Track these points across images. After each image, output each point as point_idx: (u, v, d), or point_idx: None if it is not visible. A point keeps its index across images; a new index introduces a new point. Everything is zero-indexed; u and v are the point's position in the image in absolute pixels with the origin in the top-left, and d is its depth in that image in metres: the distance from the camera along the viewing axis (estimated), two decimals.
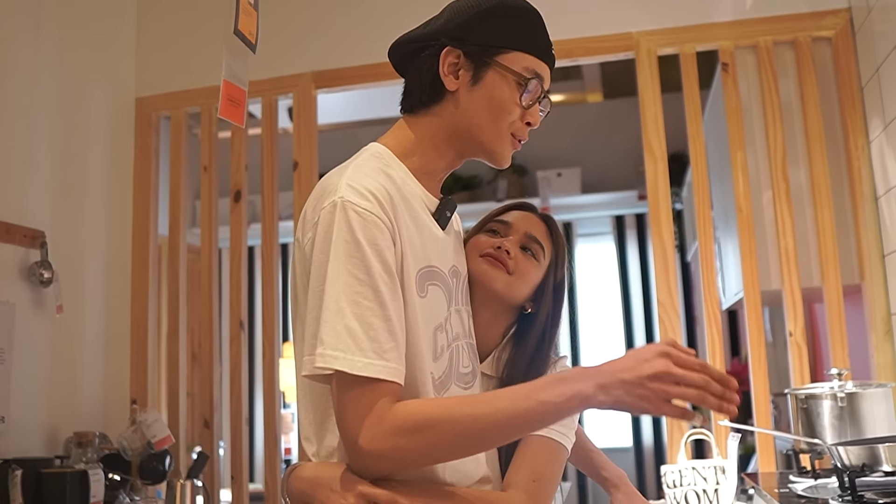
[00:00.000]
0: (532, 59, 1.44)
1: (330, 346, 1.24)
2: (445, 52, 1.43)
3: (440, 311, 1.42)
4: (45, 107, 2.89)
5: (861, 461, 1.83)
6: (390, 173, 1.40)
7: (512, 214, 1.64)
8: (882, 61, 2.53)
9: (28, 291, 2.72)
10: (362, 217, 1.28)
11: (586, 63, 3.17)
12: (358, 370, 1.23)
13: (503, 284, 1.54)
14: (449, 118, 1.45)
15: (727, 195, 2.99)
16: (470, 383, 1.48)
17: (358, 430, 1.24)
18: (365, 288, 1.27)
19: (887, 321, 2.62)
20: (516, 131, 1.47)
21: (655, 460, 5.02)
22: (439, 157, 1.48)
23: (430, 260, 1.40)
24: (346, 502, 1.28)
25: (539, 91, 1.46)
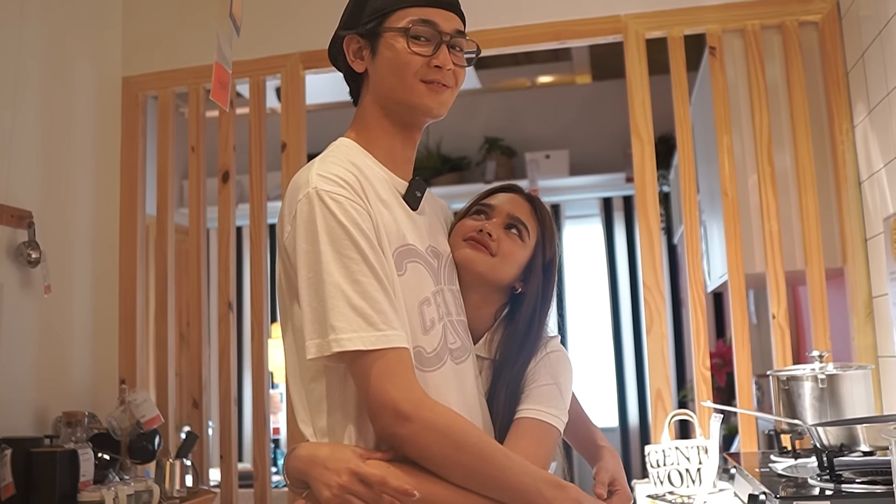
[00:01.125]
0: (415, 9, 1.50)
1: (342, 331, 1.31)
2: (346, 42, 1.56)
3: (424, 286, 1.46)
4: (32, 87, 2.89)
5: (839, 441, 1.86)
6: (355, 161, 1.47)
7: (497, 197, 1.66)
8: (867, 46, 2.55)
9: (16, 272, 2.72)
10: (338, 202, 1.36)
11: (574, 45, 3.18)
12: (374, 345, 1.31)
13: (486, 267, 1.57)
14: (373, 97, 1.55)
15: (713, 178, 3.01)
16: (461, 358, 1.51)
17: (391, 395, 1.31)
18: (360, 266, 1.33)
19: (868, 304, 2.65)
20: (424, 76, 1.50)
21: (641, 440, 5.07)
22: (388, 136, 1.55)
23: (405, 239, 1.46)
24: (340, 480, 1.32)
25: (436, 35, 1.50)
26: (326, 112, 5.02)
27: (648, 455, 2.43)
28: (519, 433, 1.49)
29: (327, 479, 1.33)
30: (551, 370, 1.55)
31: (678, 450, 2.37)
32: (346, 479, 1.31)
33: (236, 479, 3.11)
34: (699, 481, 2.33)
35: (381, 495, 1.30)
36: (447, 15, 1.53)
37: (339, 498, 1.32)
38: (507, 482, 1.34)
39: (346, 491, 1.31)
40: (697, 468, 2.35)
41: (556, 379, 1.54)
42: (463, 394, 1.48)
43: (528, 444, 1.47)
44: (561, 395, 1.54)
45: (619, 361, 5.29)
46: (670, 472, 2.37)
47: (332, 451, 1.36)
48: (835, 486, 1.76)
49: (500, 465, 1.34)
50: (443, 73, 1.50)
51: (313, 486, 1.36)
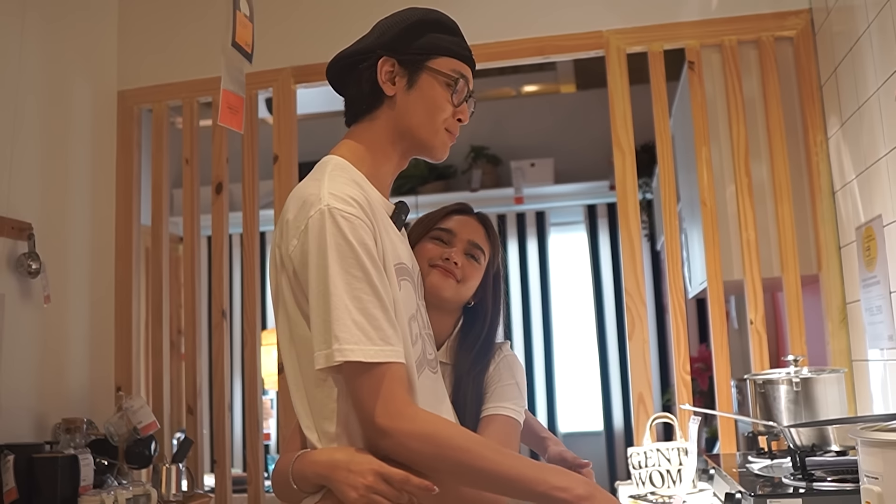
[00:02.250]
0: (457, 62, 1.63)
1: (345, 341, 1.40)
2: (382, 62, 1.60)
3: (412, 302, 1.57)
4: (30, 101, 2.95)
5: (812, 442, 1.96)
6: (358, 181, 1.54)
7: (453, 221, 1.78)
8: (840, 61, 2.65)
9: (16, 282, 2.79)
10: (349, 221, 1.43)
11: (558, 60, 3.27)
12: (370, 358, 1.40)
13: (452, 293, 1.72)
14: (390, 121, 1.62)
15: (693, 186, 3.11)
16: (435, 368, 1.63)
17: (372, 407, 1.40)
18: (363, 284, 1.42)
19: (843, 310, 2.75)
20: (449, 127, 1.64)
21: (625, 443, 5.16)
22: (386, 160, 1.64)
23: (399, 258, 1.56)
24: (365, 481, 1.40)
25: (465, 90, 1.64)
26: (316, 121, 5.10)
27: (631, 457, 2.51)
28: (492, 429, 1.63)
29: (352, 481, 1.41)
30: (511, 370, 1.74)
31: (659, 451, 2.45)
32: (371, 479, 1.40)
33: (230, 483, 3.18)
34: (679, 481, 2.42)
35: (404, 493, 1.40)
36: (470, 75, 1.67)
37: (365, 498, 1.40)
38: (503, 475, 1.41)
39: (373, 491, 1.40)
40: (678, 469, 2.43)
41: (515, 378, 1.73)
42: (439, 401, 1.59)
43: (501, 437, 1.63)
44: (520, 392, 1.72)
45: (604, 366, 5.37)
46: (651, 474, 2.46)
47: (353, 455, 1.44)
48: (807, 484, 1.85)
49: (493, 460, 1.41)
50: (458, 126, 1.66)
51: (337, 488, 1.43)
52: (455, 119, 1.64)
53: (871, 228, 2.40)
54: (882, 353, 2.41)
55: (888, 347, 2.34)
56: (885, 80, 2.25)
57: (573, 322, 5.53)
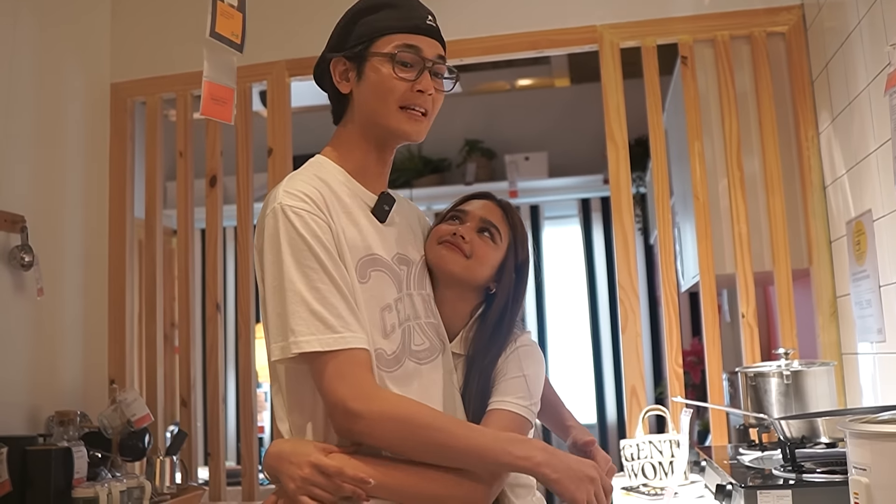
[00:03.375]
0: (401, 35, 1.59)
1: (301, 333, 1.43)
2: (333, 64, 1.64)
3: (387, 293, 1.57)
4: (23, 93, 2.95)
5: (801, 434, 1.97)
6: (325, 178, 1.58)
7: (470, 203, 1.76)
8: (831, 57, 2.66)
9: (9, 275, 2.79)
10: (299, 216, 1.48)
11: (552, 54, 3.28)
12: (330, 346, 1.42)
13: (460, 267, 1.67)
14: (356, 118, 1.64)
15: (686, 180, 3.12)
16: (426, 359, 1.61)
17: (340, 392, 1.42)
18: (319, 274, 1.45)
19: (833, 303, 2.77)
20: (408, 102, 1.59)
21: (618, 435, 5.18)
22: (365, 155, 1.65)
23: (370, 249, 1.57)
24: (302, 472, 1.43)
25: (419, 61, 1.59)
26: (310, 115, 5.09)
27: (623, 449, 2.53)
28: (488, 425, 1.59)
29: (291, 472, 1.45)
30: (520, 363, 1.66)
31: (651, 444, 2.47)
32: (307, 471, 1.43)
33: (224, 476, 3.19)
34: (671, 473, 2.44)
35: (341, 484, 1.42)
36: (430, 42, 1.62)
37: (302, 490, 1.43)
38: (471, 449, 1.44)
39: (309, 482, 1.43)
40: (670, 461, 2.45)
41: (524, 371, 1.65)
42: (424, 392, 1.57)
43: None
44: (528, 386, 1.64)
45: (598, 359, 5.39)
46: (644, 465, 2.47)
47: (294, 447, 1.48)
48: (796, 476, 1.87)
49: (459, 436, 1.45)
50: (423, 97, 1.60)
51: (281, 479, 1.48)
52: (414, 92, 1.58)
53: (862, 223, 2.42)
54: (871, 346, 2.43)
55: (877, 341, 2.35)
56: (875, 76, 2.26)
57: (567, 315, 5.54)
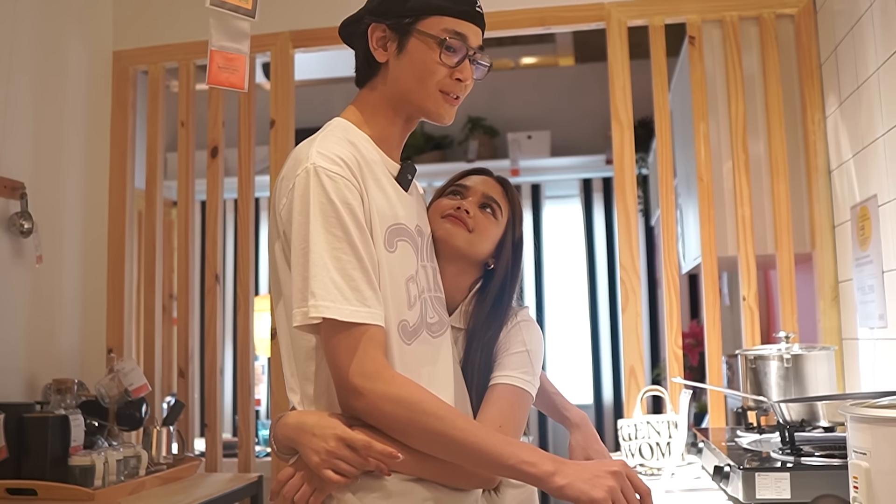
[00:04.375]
0: (451, 20, 1.55)
1: (321, 298, 1.39)
2: (371, 29, 1.58)
3: (410, 263, 1.55)
4: (24, 60, 2.92)
5: (801, 417, 1.97)
6: (354, 141, 1.53)
7: (471, 179, 1.76)
8: (840, 41, 2.64)
9: (8, 242, 2.78)
10: (333, 180, 1.43)
11: (558, 31, 3.25)
12: (346, 317, 1.39)
13: (465, 241, 1.67)
14: (386, 88, 1.60)
15: (690, 162, 3.10)
16: (437, 332, 1.59)
17: (347, 366, 1.39)
18: (343, 244, 1.41)
19: (835, 288, 2.76)
20: (445, 87, 1.57)
21: (614, 415, 5.19)
22: (390, 124, 1.62)
23: (397, 218, 1.54)
24: (328, 445, 1.40)
25: (464, 48, 1.57)
26: (314, 88, 5.07)
27: (621, 429, 2.53)
28: (493, 398, 1.59)
29: (315, 444, 1.41)
30: (522, 337, 1.65)
31: (649, 424, 2.47)
32: (333, 444, 1.40)
33: (220, 447, 3.19)
34: (668, 454, 2.44)
35: (368, 458, 1.39)
36: (475, 29, 1.60)
37: (327, 463, 1.40)
38: (474, 446, 1.39)
39: (334, 456, 1.40)
40: (667, 442, 2.45)
41: (527, 346, 1.65)
42: (437, 365, 1.56)
43: (502, 407, 1.58)
44: (531, 361, 1.64)
45: (595, 339, 5.39)
46: (641, 446, 2.47)
47: (320, 419, 1.44)
48: (795, 459, 1.87)
49: (464, 430, 1.40)
50: (460, 85, 1.59)
51: (302, 452, 1.45)
52: (453, 79, 1.57)
53: (866, 208, 2.40)
54: (872, 331, 2.43)
55: (878, 326, 2.35)
56: (885, 60, 2.25)
57: (565, 295, 5.54)
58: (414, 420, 1.40)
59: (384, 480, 1.43)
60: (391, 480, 1.44)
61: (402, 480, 1.46)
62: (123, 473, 2.60)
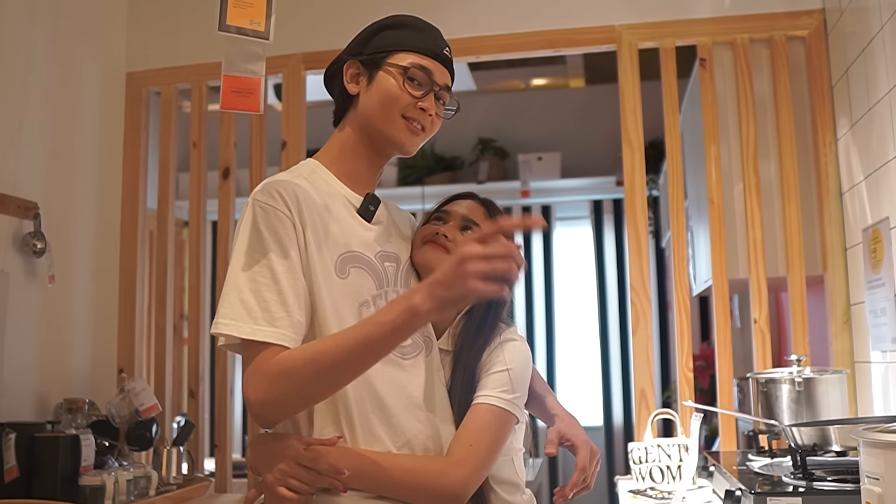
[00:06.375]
0: (417, 56, 1.67)
1: (223, 316, 1.49)
2: (347, 66, 1.71)
3: (365, 289, 1.61)
4: (39, 80, 2.95)
5: (813, 441, 1.96)
6: (310, 178, 1.63)
7: (453, 204, 1.78)
8: (851, 62, 2.64)
9: (21, 261, 2.79)
10: (265, 211, 1.53)
11: (569, 54, 3.27)
12: (246, 335, 1.47)
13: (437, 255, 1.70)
14: (356, 119, 1.69)
15: (701, 184, 3.10)
16: (410, 355, 1.62)
17: (247, 384, 1.46)
18: (262, 268, 1.51)
19: (846, 311, 2.75)
20: (408, 114, 1.65)
21: (624, 438, 5.17)
22: (358, 158, 1.70)
23: (350, 247, 1.61)
24: (282, 465, 1.47)
25: (428, 83, 1.67)
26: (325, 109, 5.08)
27: (631, 452, 2.52)
28: (468, 419, 1.61)
29: (271, 465, 1.49)
30: (504, 357, 1.66)
31: (660, 447, 2.46)
32: (286, 463, 1.47)
33: (230, 467, 3.18)
34: (679, 478, 2.42)
35: (317, 476, 1.45)
36: (442, 70, 1.70)
37: (281, 481, 1.47)
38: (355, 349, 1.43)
39: (287, 474, 1.47)
40: (678, 465, 2.44)
41: (507, 365, 1.65)
42: (411, 386, 1.59)
43: (474, 427, 1.59)
44: (511, 379, 1.64)
45: (606, 361, 5.38)
46: (652, 469, 2.46)
47: (275, 440, 1.53)
48: (807, 483, 1.86)
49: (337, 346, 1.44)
50: (424, 115, 1.67)
51: (262, 473, 1.52)
52: (417, 108, 1.65)
53: (878, 230, 2.40)
54: (884, 355, 2.41)
55: (891, 350, 2.34)
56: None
57: (576, 317, 5.53)
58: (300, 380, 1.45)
59: (340, 497, 1.48)
60: (347, 498, 1.48)
61: (362, 498, 1.50)
62: (133, 493, 2.60)
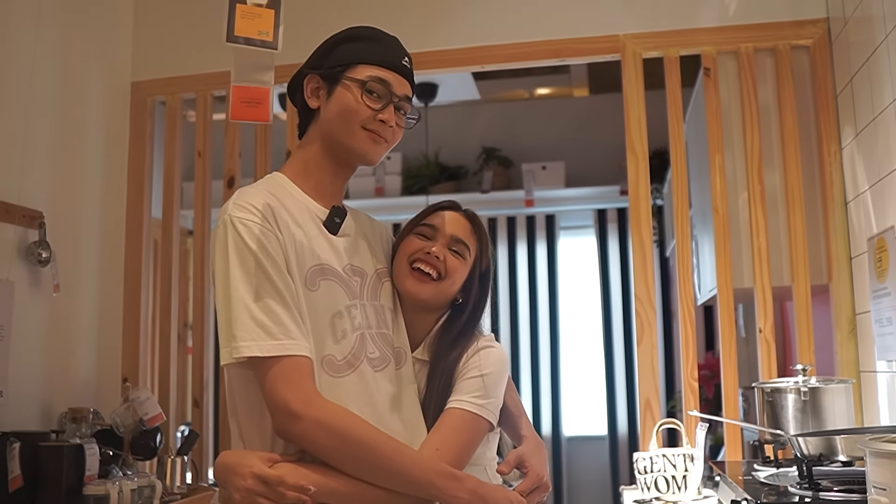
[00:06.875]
0: (376, 68, 1.68)
1: (242, 339, 1.49)
2: (307, 80, 1.72)
3: (338, 300, 1.62)
4: (45, 90, 2.96)
5: (819, 451, 1.95)
6: (276, 192, 1.64)
7: (439, 217, 1.77)
8: (856, 72, 2.64)
9: (26, 270, 2.80)
10: (248, 227, 1.54)
11: (573, 63, 3.27)
12: (269, 352, 1.49)
13: (431, 294, 1.72)
14: (318, 133, 1.70)
15: (705, 193, 3.10)
16: (380, 366, 1.64)
17: (282, 394, 1.47)
18: (263, 283, 1.52)
19: (852, 321, 2.74)
20: (368, 126, 1.66)
21: (629, 448, 5.15)
22: (322, 171, 1.71)
23: (319, 260, 1.62)
24: (246, 483, 1.47)
25: (387, 94, 1.67)
26: None
27: (636, 462, 2.51)
28: (439, 423, 1.63)
29: (236, 483, 1.49)
30: (479, 363, 1.68)
31: (665, 457, 2.45)
32: (250, 482, 1.47)
33: None
34: (685, 488, 2.42)
35: (283, 492, 1.45)
36: (401, 80, 1.71)
37: (246, 500, 1.47)
38: (398, 472, 1.50)
39: (252, 493, 1.47)
40: (683, 475, 2.43)
41: (482, 371, 1.67)
42: (377, 397, 1.61)
43: (444, 431, 1.62)
44: (485, 385, 1.66)
45: (610, 371, 5.37)
46: (657, 479, 2.45)
47: (241, 458, 1.53)
48: (813, 493, 1.85)
49: (388, 458, 1.50)
50: (384, 127, 1.68)
51: (228, 491, 1.52)
52: (377, 120, 1.66)
53: (884, 240, 2.39)
54: (890, 364, 2.41)
55: None
56: None
57: (580, 326, 5.52)
58: (343, 447, 1.48)
59: None
60: None
61: None
62: (138, 503, 2.60)
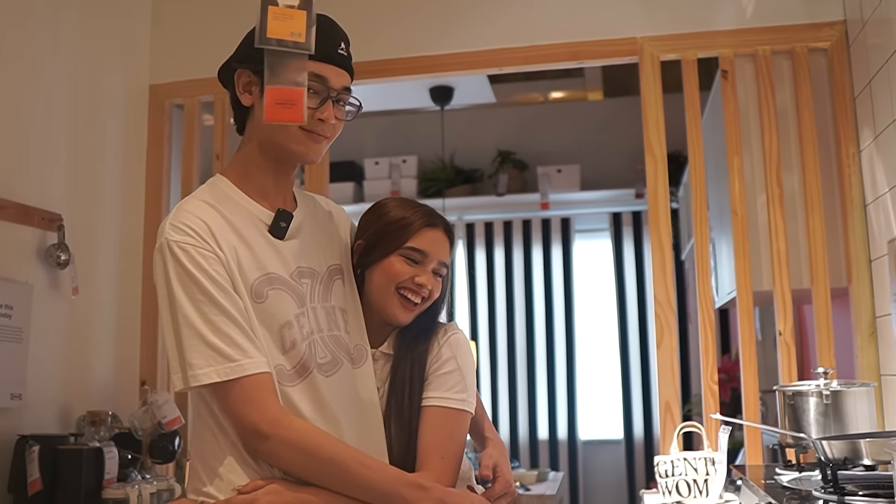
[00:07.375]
0: (311, 63, 1.56)
1: (199, 366, 1.46)
2: (238, 75, 1.63)
3: (286, 310, 1.57)
4: (63, 93, 2.97)
5: (843, 455, 1.93)
6: (218, 201, 1.58)
7: (427, 240, 1.70)
8: (874, 74, 2.63)
9: (45, 273, 2.81)
10: (185, 250, 1.49)
11: (591, 66, 3.27)
12: (226, 376, 1.46)
13: (413, 317, 1.70)
14: (256, 133, 1.62)
15: (723, 195, 3.09)
16: (330, 372, 1.61)
17: (250, 417, 1.46)
18: (210, 306, 1.47)
19: (872, 324, 2.73)
20: (308, 126, 1.58)
21: (645, 452, 5.14)
22: (263, 174, 1.64)
23: (266, 269, 1.57)
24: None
25: (325, 90, 1.59)
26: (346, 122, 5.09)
27: (657, 465, 2.50)
28: (429, 425, 1.61)
29: None
30: (453, 354, 1.67)
31: (686, 461, 2.44)
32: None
33: None
34: (706, 492, 2.40)
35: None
36: (339, 72, 1.62)
37: None
38: (366, 486, 1.48)
39: None
40: (705, 479, 2.42)
41: (458, 363, 1.66)
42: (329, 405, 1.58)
43: (440, 435, 1.60)
44: (463, 377, 1.66)
45: (626, 374, 5.35)
46: (678, 483, 2.44)
47: None
48: (838, 498, 1.83)
49: (355, 472, 1.48)
50: (324, 125, 1.60)
51: None
52: (315, 119, 1.58)
53: None
54: None
55: None
56: None
57: (596, 329, 5.51)
58: (312, 464, 1.48)
59: None
60: None
61: None
62: None
